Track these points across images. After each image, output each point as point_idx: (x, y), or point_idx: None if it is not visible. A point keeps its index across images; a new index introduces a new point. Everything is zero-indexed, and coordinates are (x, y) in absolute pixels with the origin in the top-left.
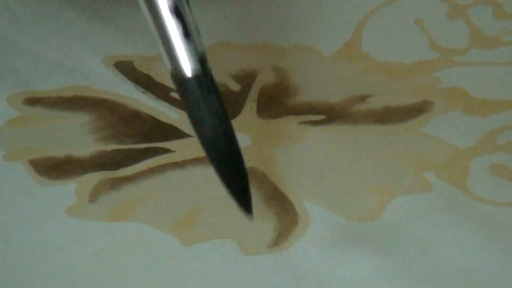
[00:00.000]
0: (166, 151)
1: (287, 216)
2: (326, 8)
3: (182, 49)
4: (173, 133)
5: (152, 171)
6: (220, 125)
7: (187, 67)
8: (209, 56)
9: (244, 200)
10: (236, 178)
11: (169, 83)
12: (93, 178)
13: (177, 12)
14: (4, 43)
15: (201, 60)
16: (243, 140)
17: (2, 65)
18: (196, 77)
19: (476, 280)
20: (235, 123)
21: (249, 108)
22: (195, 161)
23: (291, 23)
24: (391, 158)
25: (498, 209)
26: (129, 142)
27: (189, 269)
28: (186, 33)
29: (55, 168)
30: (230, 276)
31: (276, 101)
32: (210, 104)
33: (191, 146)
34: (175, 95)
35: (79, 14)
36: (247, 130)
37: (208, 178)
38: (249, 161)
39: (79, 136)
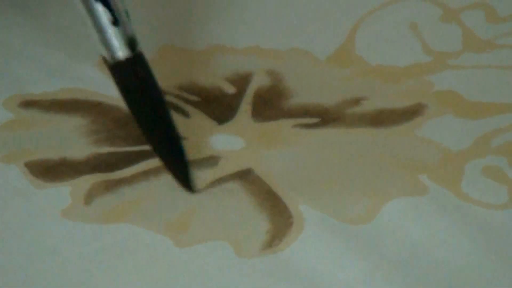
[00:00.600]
0: None
1: (281, 219)
2: (320, 12)
3: (111, 35)
4: None
5: (146, 174)
6: (155, 105)
7: (118, 52)
8: (204, 59)
9: (183, 178)
10: (174, 159)
11: (163, 86)
12: (88, 181)
13: (104, 0)
14: None
15: (130, 44)
16: (238, 143)
17: None
18: (127, 60)
19: (470, 282)
20: (230, 126)
21: (244, 111)
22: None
23: (286, 27)
24: (385, 161)
25: (492, 212)
26: (123, 144)
27: (183, 271)
28: (114, 20)
29: (50, 171)
30: (225, 278)
31: (271, 104)
32: (143, 85)
33: (185, 149)
34: (169, 98)
35: (74, 17)
36: (242, 133)
37: (202, 181)
38: (244, 163)
39: (74, 139)
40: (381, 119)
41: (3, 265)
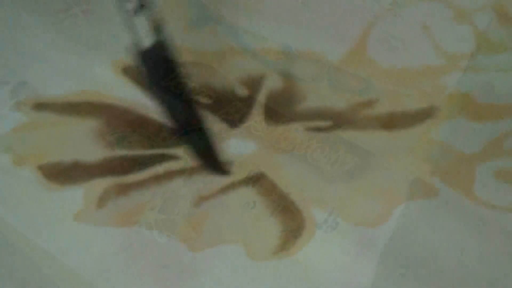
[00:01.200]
0: (173, 157)
1: (294, 222)
2: (332, 15)
3: (138, 22)
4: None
5: (159, 177)
6: (181, 91)
7: (144, 39)
8: (217, 61)
9: (215, 165)
10: (198, 139)
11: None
12: (100, 184)
13: None
14: (12, 49)
15: (156, 29)
16: (251, 146)
17: (10, 71)
18: (151, 46)
19: (481, 284)
20: (242, 129)
21: (257, 114)
22: (201, 168)
23: (298, 29)
24: (397, 163)
25: (504, 214)
26: (136, 147)
27: (196, 274)
28: (140, 7)
29: (63, 174)
30: (237, 281)
31: (283, 107)
32: (168, 70)
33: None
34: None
35: (88, 20)
36: (255, 136)
37: (214, 184)
38: (256, 167)
39: (87, 142)
40: (393, 121)
41: (17, 267)
